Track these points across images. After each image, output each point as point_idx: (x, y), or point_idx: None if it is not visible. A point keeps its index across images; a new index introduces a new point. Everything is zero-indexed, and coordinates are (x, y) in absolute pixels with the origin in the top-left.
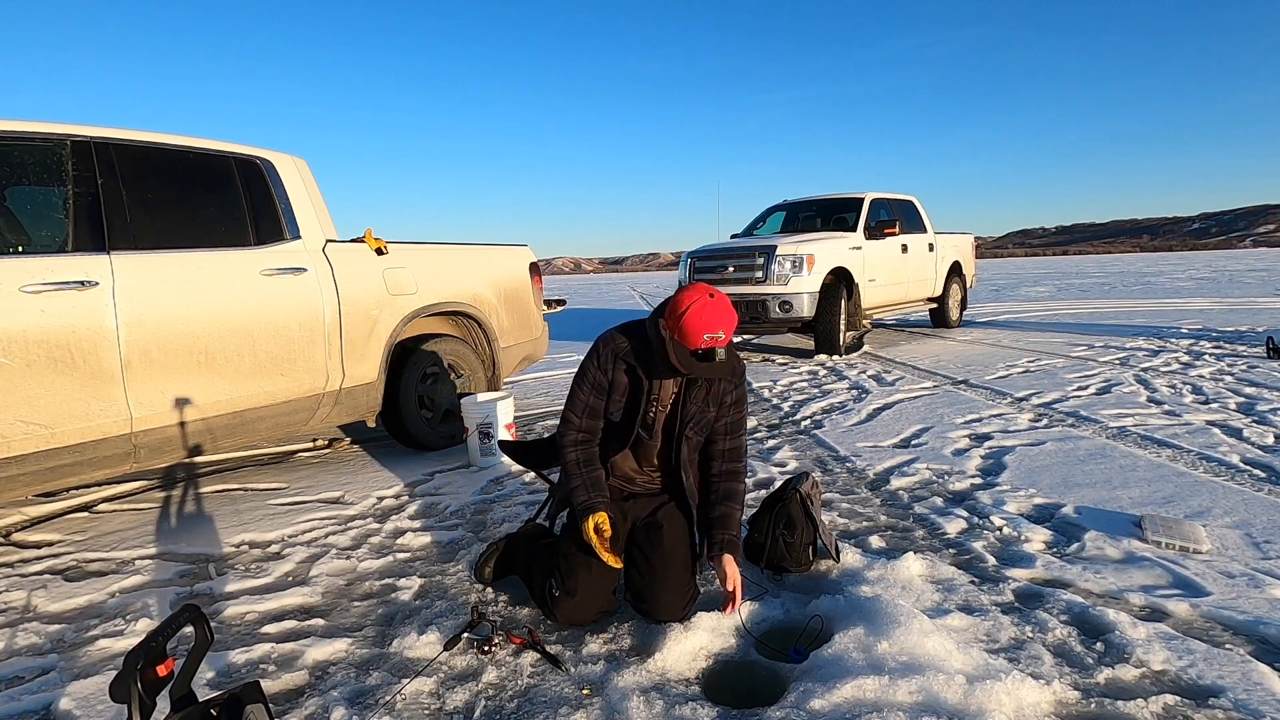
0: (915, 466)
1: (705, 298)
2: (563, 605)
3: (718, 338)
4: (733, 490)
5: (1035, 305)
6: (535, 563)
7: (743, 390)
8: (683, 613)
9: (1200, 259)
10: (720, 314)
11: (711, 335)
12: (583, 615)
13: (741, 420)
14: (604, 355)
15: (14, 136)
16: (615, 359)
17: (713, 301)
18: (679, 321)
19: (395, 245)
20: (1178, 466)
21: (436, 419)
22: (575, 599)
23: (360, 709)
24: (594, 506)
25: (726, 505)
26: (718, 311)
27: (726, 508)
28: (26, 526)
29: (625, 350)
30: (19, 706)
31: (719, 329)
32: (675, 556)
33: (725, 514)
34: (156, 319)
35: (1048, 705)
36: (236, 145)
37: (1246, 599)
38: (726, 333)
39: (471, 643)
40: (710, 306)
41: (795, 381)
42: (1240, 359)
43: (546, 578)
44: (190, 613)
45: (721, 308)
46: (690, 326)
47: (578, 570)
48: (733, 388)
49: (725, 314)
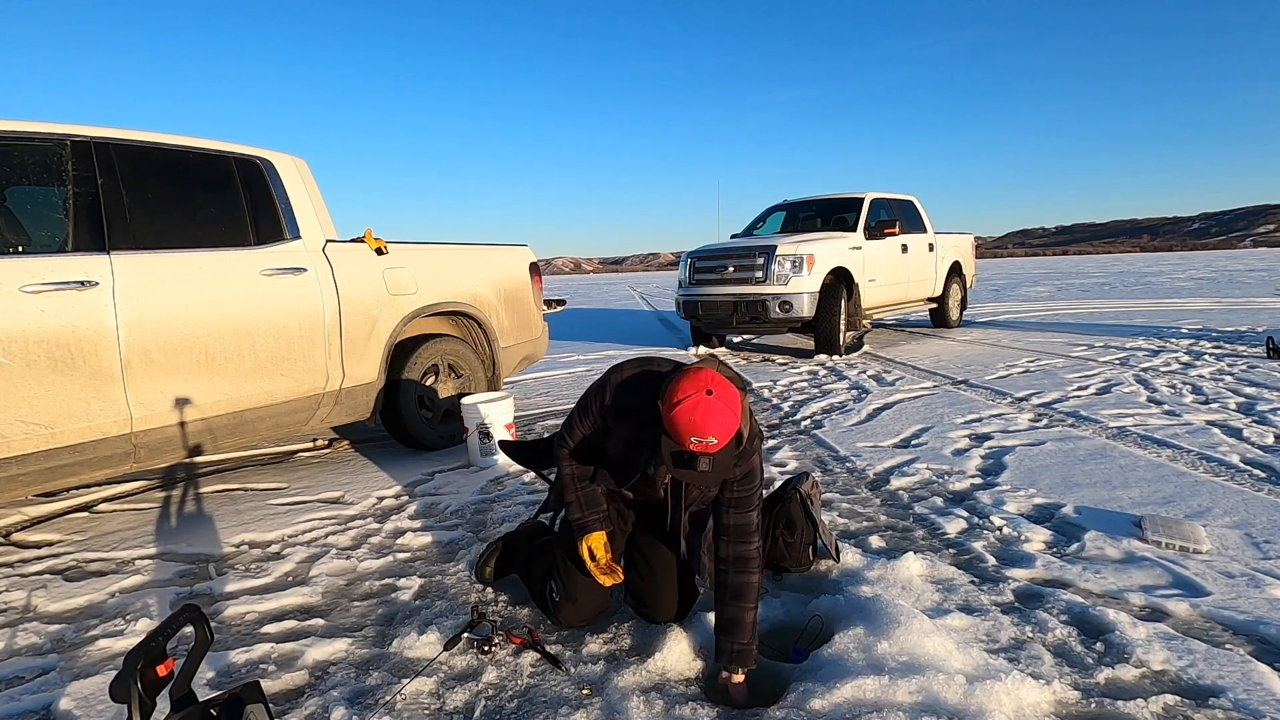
0: (915, 466)
1: (701, 395)
2: (564, 610)
3: (707, 443)
4: (742, 586)
5: (1035, 305)
6: (534, 562)
7: (753, 465)
8: (683, 615)
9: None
10: (714, 417)
11: (699, 440)
12: (583, 618)
13: (750, 496)
14: (607, 400)
15: (14, 136)
16: (617, 411)
17: (707, 400)
18: (669, 414)
19: (395, 245)
20: (1178, 466)
21: (436, 419)
22: (575, 604)
23: (360, 709)
24: (588, 526)
25: (735, 606)
26: (711, 414)
27: (735, 609)
28: (26, 526)
29: (627, 409)
30: (19, 706)
31: (709, 434)
32: (675, 559)
33: (734, 618)
34: (156, 319)
35: (1048, 705)
36: (236, 145)
37: (1246, 599)
38: (720, 438)
39: (471, 643)
40: (703, 406)
41: (795, 381)
42: (1240, 359)
43: (546, 579)
44: (190, 613)
45: (716, 410)
46: (678, 424)
47: (576, 575)
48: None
49: (719, 417)
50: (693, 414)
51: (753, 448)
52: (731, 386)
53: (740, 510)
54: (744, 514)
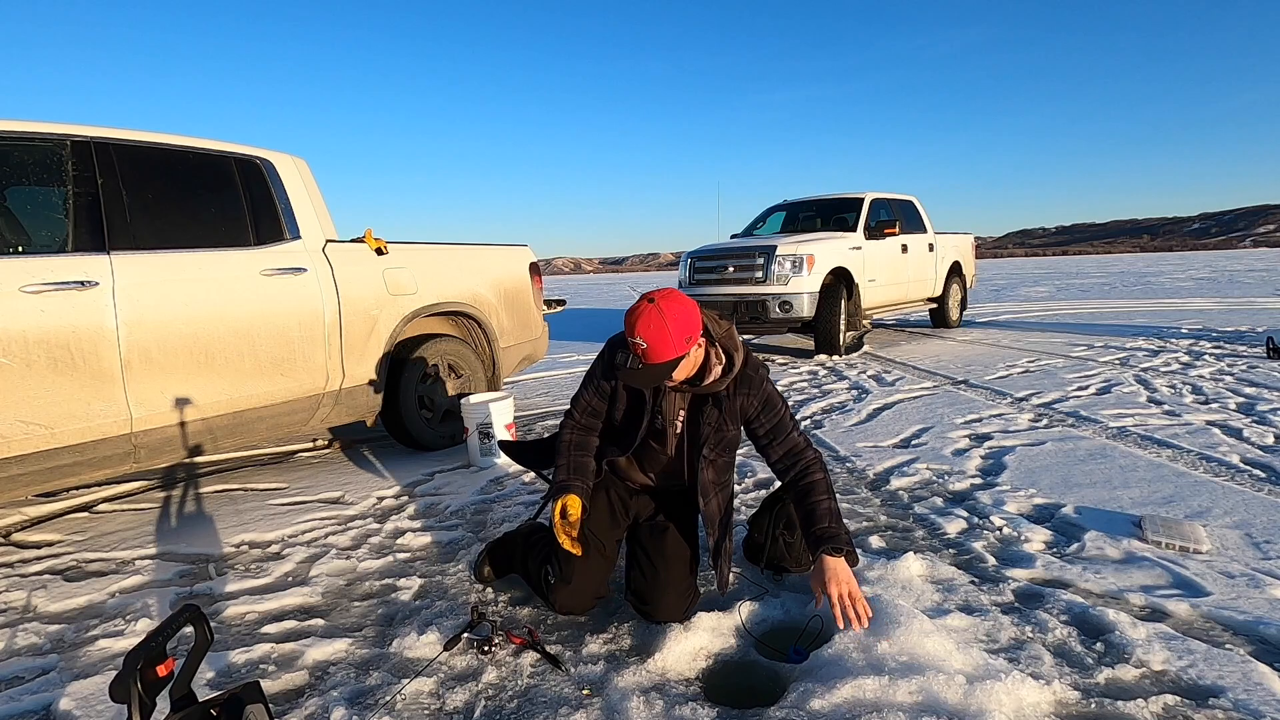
0: (915, 466)
1: (645, 302)
2: (559, 593)
3: (637, 344)
4: (810, 485)
5: (1035, 305)
6: (531, 553)
7: (767, 392)
8: (683, 615)
9: (1200, 259)
10: (644, 320)
11: (633, 341)
12: (579, 602)
13: (782, 422)
14: (606, 361)
15: (14, 136)
16: (612, 369)
17: (648, 306)
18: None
19: (395, 245)
20: (1178, 466)
21: (436, 419)
22: (571, 586)
23: (360, 709)
24: (568, 488)
25: (810, 502)
26: (642, 317)
27: (811, 505)
28: (26, 526)
29: (620, 361)
30: (19, 706)
31: (638, 334)
32: (678, 559)
33: (810, 511)
34: (156, 319)
35: (1048, 705)
36: (236, 145)
37: (1246, 599)
38: (650, 344)
39: (471, 643)
40: (642, 309)
41: (795, 381)
42: (1240, 359)
43: (542, 565)
44: (190, 613)
45: (650, 316)
46: (625, 322)
47: (573, 558)
48: (750, 396)
49: (652, 322)
50: (633, 315)
51: (759, 376)
52: (684, 304)
53: (779, 437)
54: (785, 438)
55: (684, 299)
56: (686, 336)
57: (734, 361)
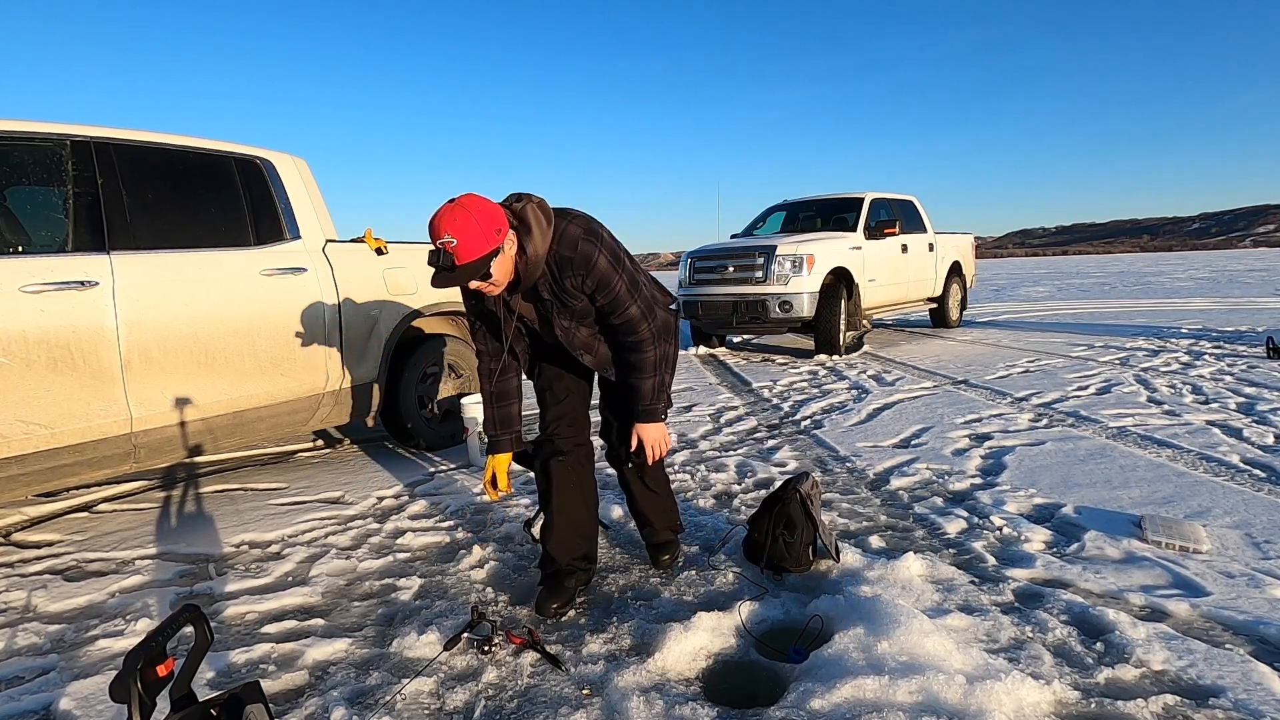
0: (915, 466)
1: (447, 204)
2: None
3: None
4: (637, 361)
5: (1035, 305)
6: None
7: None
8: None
9: (1200, 259)
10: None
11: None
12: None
13: (617, 298)
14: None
15: (14, 136)
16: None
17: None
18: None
19: (395, 245)
20: (1178, 466)
21: (436, 419)
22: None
23: (360, 709)
24: (498, 446)
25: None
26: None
27: (634, 380)
28: (26, 526)
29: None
30: (19, 706)
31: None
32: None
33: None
34: (156, 319)
35: (1048, 705)
36: (236, 145)
37: (1246, 599)
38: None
39: (471, 643)
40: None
41: (795, 381)
42: (1240, 359)
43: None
44: (190, 613)
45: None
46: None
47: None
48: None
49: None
50: (437, 216)
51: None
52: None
53: (618, 313)
54: (623, 313)
55: (483, 199)
56: (496, 229)
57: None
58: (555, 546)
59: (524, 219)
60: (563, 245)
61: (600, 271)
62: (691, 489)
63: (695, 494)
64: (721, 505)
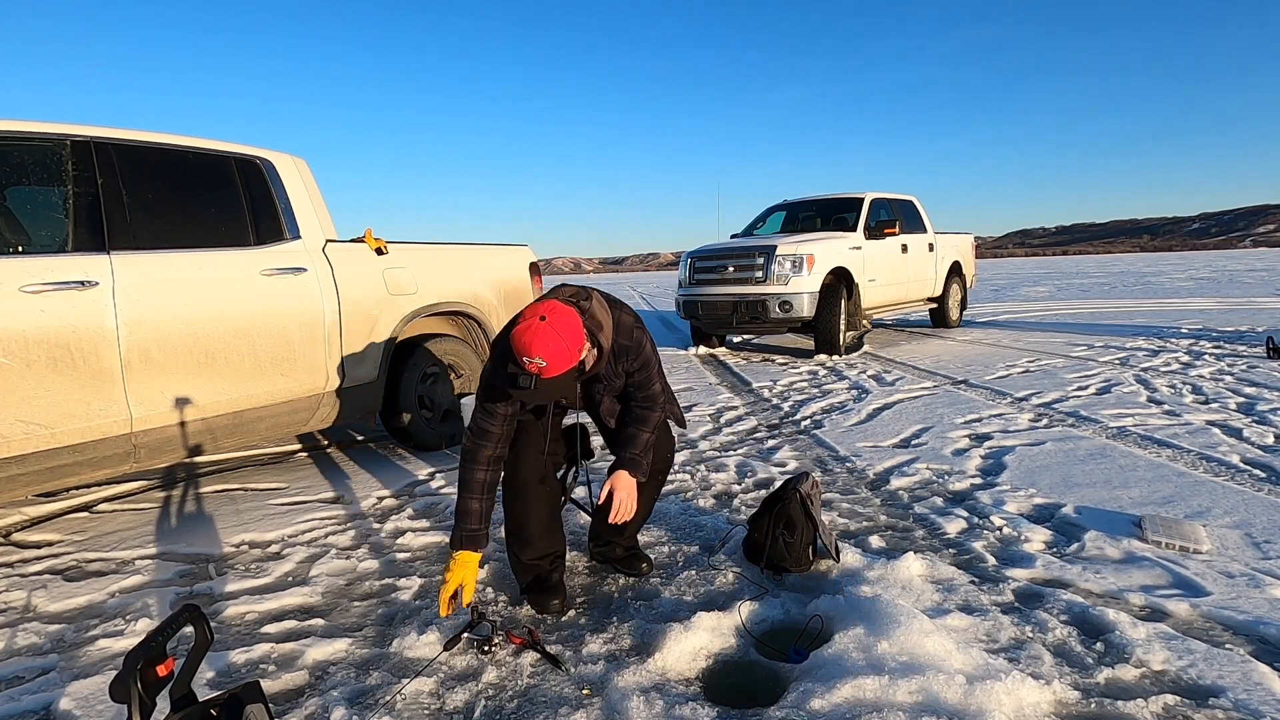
0: (915, 466)
1: (535, 320)
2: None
3: (535, 364)
4: (645, 415)
5: (1035, 305)
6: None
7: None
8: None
9: (1200, 259)
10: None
11: (530, 361)
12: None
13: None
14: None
15: (14, 136)
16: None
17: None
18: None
19: (395, 245)
20: (1178, 466)
21: (436, 419)
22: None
23: (360, 709)
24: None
25: (636, 428)
26: (538, 337)
27: (635, 429)
28: (26, 526)
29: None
30: (19, 706)
31: (536, 355)
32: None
33: (633, 435)
34: (156, 319)
35: (1048, 705)
36: (236, 145)
37: (1246, 599)
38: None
39: (471, 643)
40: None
41: (795, 381)
42: (1240, 359)
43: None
44: (190, 613)
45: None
46: (513, 344)
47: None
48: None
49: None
50: (527, 334)
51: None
52: (568, 315)
53: (645, 388)
54: (649, 389)
55: (566, 309)
56: (579, 346)
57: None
58: (533, 555)
59: (595, 317)
60: (620, 334)
61: (645, 355)
62: (691, 489)
63: (695, 494)
64: (721, 505)
